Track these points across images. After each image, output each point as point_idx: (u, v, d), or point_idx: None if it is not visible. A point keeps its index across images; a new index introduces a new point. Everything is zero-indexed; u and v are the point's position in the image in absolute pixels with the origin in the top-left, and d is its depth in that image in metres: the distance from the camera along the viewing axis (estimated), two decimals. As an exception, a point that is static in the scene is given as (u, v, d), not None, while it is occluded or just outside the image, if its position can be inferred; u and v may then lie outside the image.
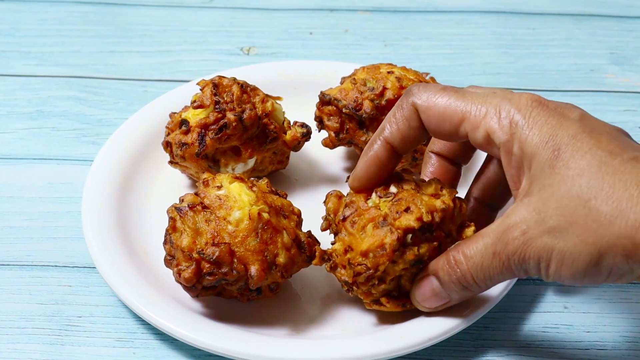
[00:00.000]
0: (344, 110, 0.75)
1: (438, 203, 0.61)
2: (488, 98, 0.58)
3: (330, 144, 0.77)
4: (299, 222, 0.67)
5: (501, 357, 0.66)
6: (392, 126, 0.61)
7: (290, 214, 0.66)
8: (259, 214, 0.63)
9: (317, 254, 0.63)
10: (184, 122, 0.73)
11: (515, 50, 0.97)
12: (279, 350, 0.62)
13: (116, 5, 1.02)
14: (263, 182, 0.67)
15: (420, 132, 0.61)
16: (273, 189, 0.67)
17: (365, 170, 0.63)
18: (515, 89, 0.79)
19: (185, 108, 0.75)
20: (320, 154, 0.80)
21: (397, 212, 0.60)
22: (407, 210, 0.60)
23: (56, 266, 0.72)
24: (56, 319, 0.68)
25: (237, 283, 0.63)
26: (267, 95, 0.76)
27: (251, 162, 0.75)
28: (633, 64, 0.95)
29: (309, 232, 0.67)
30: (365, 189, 0.63)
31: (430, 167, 0.67)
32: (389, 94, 0.74)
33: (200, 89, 0.74)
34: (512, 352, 0.66)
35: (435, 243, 0.60)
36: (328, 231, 0.65)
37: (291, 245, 0.64)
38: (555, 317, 0.68)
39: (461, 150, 0.67)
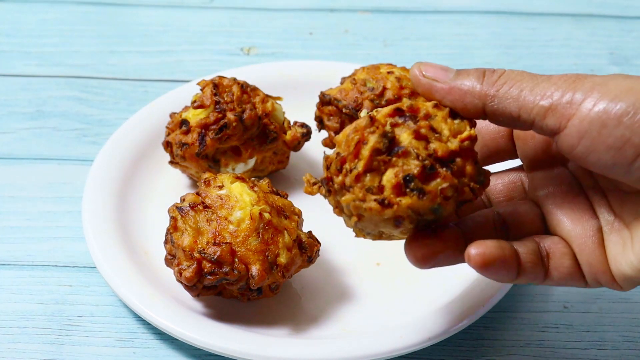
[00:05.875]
0: (344, 110, 0.75)
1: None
2: None
3: (330, 144, 0.77)
4: (300, 222, 0.67)
5: (501, 357, 0.66)
6: None
7: (291, 214, 0.66)
8: (260, 214, 0.63)
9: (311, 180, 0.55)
10: (184, 122, 0.73)
11: (515, 50, 0.97)
12: (279, 350, 0.63)
13: (117, 6, 1.02)
14: (264, 182, 0.67)
15: None
16: (274, 189, 0.68)
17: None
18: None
19: (186, 108, 0.75)
20: (320, 154, 0.80)
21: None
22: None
23: (57, 266, 0.72)
24: (56, 319, 0.68)
25: (238, 283, 0.64)
26: (267, 96, 0.76)
27: (251, 162, 0.75)
28: (632, 64, 0.95)
29: (310, 232, 0.67)
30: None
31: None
32: (388, 94, 0.74)
33: (201, 89, 0.74)
34: (512, 352, 0.66)
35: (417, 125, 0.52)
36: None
37: (292, 246, 0.64)
38: (554, 316, 0.69)
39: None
